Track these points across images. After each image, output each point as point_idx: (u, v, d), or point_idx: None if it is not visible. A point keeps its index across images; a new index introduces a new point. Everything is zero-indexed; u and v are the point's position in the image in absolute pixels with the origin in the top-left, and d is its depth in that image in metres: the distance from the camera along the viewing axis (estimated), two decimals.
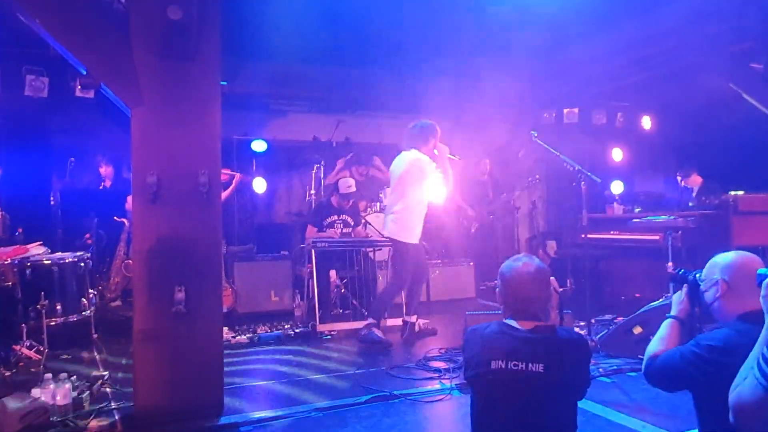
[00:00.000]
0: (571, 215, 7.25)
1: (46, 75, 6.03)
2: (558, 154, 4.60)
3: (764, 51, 4.86)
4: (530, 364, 1.82)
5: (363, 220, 6.54)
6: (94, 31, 3.07)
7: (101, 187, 6.10)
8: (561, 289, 2.18)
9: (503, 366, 1.85)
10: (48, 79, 6.03)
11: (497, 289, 2.05)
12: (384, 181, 7.73)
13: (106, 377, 3.68)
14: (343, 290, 6.23)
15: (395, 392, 3.51)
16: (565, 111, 8.13)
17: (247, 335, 4.96)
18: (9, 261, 4.22)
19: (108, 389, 3.57)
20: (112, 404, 3.33)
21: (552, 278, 2.06)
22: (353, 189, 5.80)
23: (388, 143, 8.58)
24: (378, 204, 7.38)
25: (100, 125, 6.39)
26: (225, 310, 5.66)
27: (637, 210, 6.74)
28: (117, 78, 3.15)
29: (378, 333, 4.72)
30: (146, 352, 3.10)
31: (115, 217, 5.78)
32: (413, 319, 5.06)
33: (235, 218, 7.64)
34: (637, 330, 4.03)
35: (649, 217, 5.75)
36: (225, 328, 5.03)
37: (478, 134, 8.83)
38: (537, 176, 7.43)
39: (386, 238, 4.94)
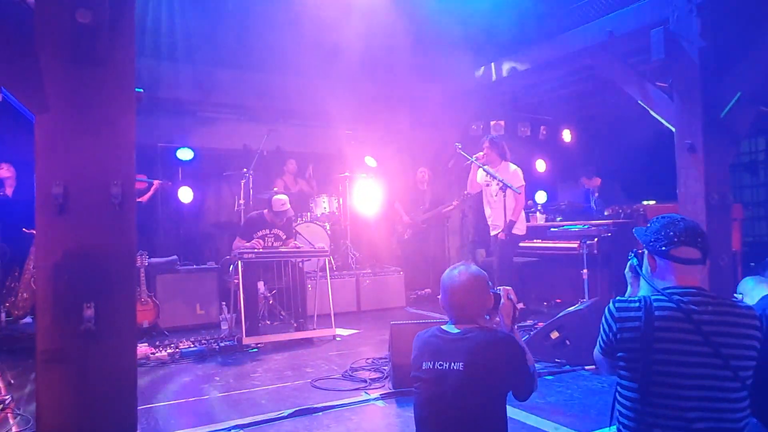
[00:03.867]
0: None
1: None
2: (480, 165, 4.74)
3: (668, 71, 5.22)
4: (452, 363, 1.96)
5: (294, 232, 6.46)
6: None
7: (8, 193, 5.69)
8: (520, 305, 2.26)
9: (431, 366, 2.01)
10: None
11: (440, 297, 2.18)
12: (311, 193, 7.72)
13: (8, 401, 3.44)
14: (271, 302, 6.13)
15: (319, 405, 3.48)
16: (492, 123, 8.40)
17: (168, 351, 4.77)
18: None
19: (10, 415, 3.33)
20: (13, 430, 3.10)
21: (509, 288, 2.19)
22: (287, 207, 5.66)
23: (319, 152, 8.56)
24: (308, 214, 7.33)
25: (4, 130, 5.98)
26: (146, 324, 5.45)
27: (558, 219, 7.06)
28: (19, 82, 2.96)
29: None
30: (51, 374, 2.91)
31: (24, 229, 5.41)
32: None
33: (159, 228, 7.36)
34: (554, 334, 4.20)
35: (566, 226, 6.04)
36: (145, 344, 4.84)
37: (410, 144, 8.98)
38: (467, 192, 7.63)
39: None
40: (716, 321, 1.64)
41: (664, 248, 1.73)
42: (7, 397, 3.52)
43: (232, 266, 5.60)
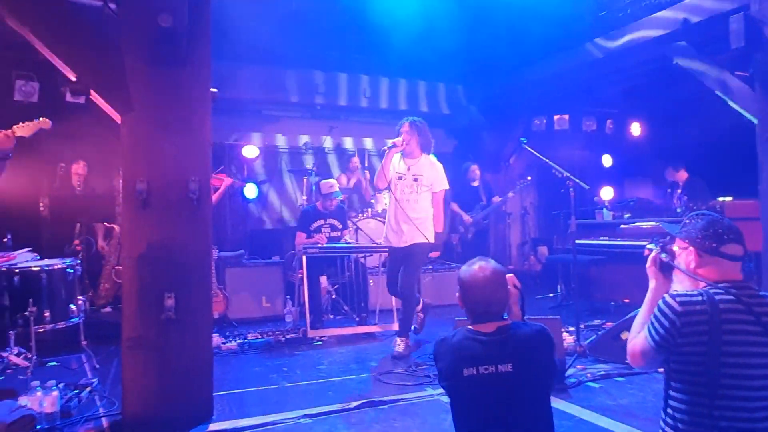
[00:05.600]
0: (561, 221, 7.30)
1: (36, 80, 6.02)
2: (547, 160, 4.64)
3: (749, 60, 4.92)
4: (499, 365, 1.88)
5: (354, 226, 6.54)
6: (83, 38, 3.08)
7: (77, 189, 6.05)
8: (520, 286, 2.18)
9: (475, 372, 1.90)
10: (38, 84, 6.02)
11: (458, 295, 2.08)
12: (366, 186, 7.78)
13: (94, 384, 3.67)
14: (334, 296, 6.24)
15: (385, 398, 3.53)
16: (556, 118, 8.21)
17: (238, 341, 4.95)
18: None
19: (96, 397, 3.56)
20: (100, 411, 3.31)
21: (511, 275, 2.11)
22: (335, 189, 5.80)
23: (381, 149, 8.62)
24: (369, 210, 7.39)
25: (90, 130, 6.36)
26: (216, 316, 5.67)
27: (626, 216, 6.80)
28: (107, 85, 3.15)
29: None
30: (135, 360, 3.09)
31: (105, 223, 5.76)
32: None
33: (227, 224, 7.65)
34: (625, 335, 4.06)
35: (637, 223, 5.81)
36: (215, 335, 5.03)
37: (470, 141, 8.90)
38: (528, 178, 7.46)
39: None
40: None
41: (715, 245, 1.77)
42: (94, 380, 3.76)
43: (296, 261, 5.75)
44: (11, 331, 4.10)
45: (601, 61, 6.51)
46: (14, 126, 3.45)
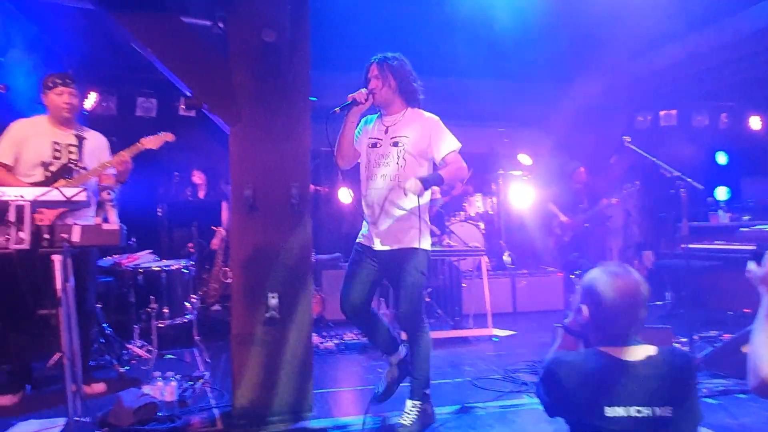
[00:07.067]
0: (668, 224, 6.84)
1: (155, 97, 6.62)
2: (654, 159, 4.36)
3: None
4: (656, 408, 1.55)
5: (447, 229, 6.52)
6: (197, 57, 3.33)
7: (200, 196, 6.53)
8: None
9: (624, 414, 1.55)
10: (156, 101, 6.62)
11: (584, 307, 1.71)
12: (466, 190, 7.67)
13: (206, 377, 3.94)
14: (428, 299, 6.25)
15: (481, 404, 3.49)
16: (662, 113, 7.71)
17: (335, 342, 5.11)
18: (124, 267, 4.65)
19: (208, 389, 3.82)
20: (212, 403, 3.55)
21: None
22: (437, 196, 5.80)
23: (472, 151, 8.52)
24: (462, 213, 7.33)
25: (200, 141, 6.87)
26: (314, 316, 5.89)
27: (745, 218, 6.24)
28: (218, 98, 3.38)
29: None
30: (243, 356, 3.28)
31: (212, 227, 6.18)
32: None
33: (323, 228, 7.91)
34: (746, 348, 3.71)
35: (759, 226, 5.31)
36: (314, 334, 5.23)
37: (567, 140, 8.56)
38: (637, 182, 7.02)
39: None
40: None
41: None
42: (206, 373, 4.04)
43: None
44: (135, 325, 4.52)
45: (715, 51, 6.03)
46: (142, 139, 3.78)
